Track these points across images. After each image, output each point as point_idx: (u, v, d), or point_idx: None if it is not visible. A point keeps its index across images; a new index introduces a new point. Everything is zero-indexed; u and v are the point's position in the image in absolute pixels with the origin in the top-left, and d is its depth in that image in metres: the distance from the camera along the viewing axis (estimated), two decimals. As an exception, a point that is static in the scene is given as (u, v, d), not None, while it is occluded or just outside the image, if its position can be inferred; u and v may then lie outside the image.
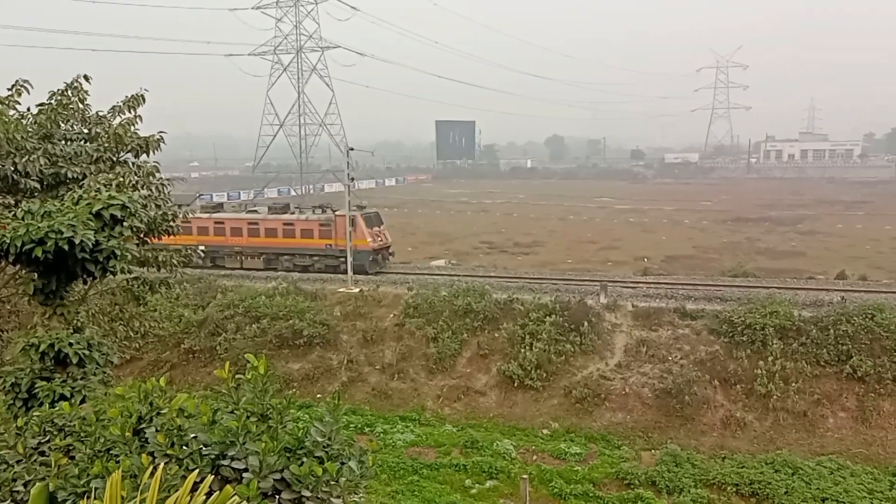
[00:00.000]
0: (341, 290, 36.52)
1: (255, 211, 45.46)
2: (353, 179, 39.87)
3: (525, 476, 22.18)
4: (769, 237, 62.19)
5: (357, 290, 36.14)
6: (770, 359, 27.19)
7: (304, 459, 4.58)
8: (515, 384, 29.01)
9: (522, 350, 29.52)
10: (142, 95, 13.17)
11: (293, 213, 43.51)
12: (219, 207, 46.84)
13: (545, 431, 27.02)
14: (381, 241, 41.55)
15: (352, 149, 39.74)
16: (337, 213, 41.25)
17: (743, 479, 22.58)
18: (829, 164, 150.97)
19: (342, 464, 4.66)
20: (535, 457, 25.22)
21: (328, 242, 41.18)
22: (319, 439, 4.75)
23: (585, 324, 29.94)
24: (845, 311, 28.03)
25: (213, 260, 42.59)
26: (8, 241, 7.33)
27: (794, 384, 26.51)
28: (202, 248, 44.46)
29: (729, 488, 22.44)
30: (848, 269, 41.53)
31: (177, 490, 3.85)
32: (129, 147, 12.60)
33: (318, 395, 30.30)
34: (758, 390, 26.59)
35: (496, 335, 31.18)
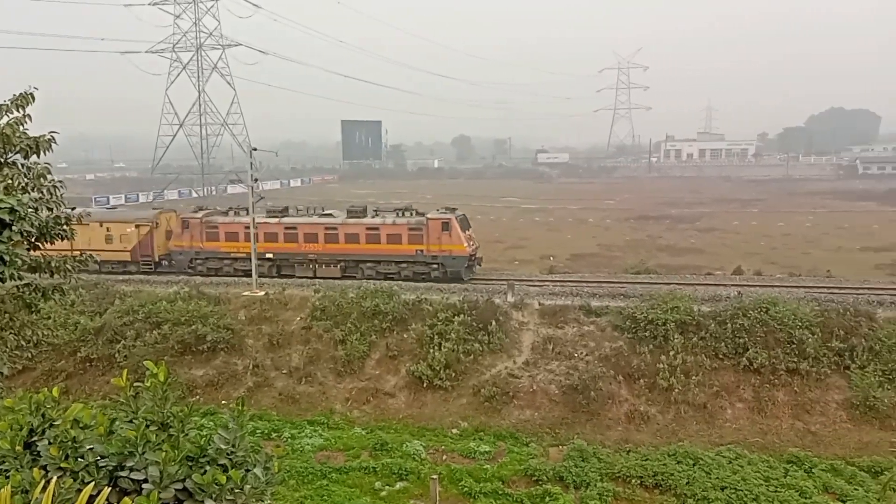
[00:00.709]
0: (245, 293, 35.03)
1: (331, 215, 41.04)
2: (256, 180, 38.19)
3: (435, 476, 21.74)
4: (670, 234, 64.50)
5: (262, 293, 34.76)
6: (672, 353, 27.87)
7: (208, 468, 4.51)
8: (424, 385, 28.57)
9: (431, 350, 29.11)
10: (31, 94, 12.11)
11: (373, 216, 39.96)
12: (285, 211, 41.89)
13: (455, 431, 26.71)
14: (474, 245, 39.15)
15: (255, 149, 38.06)
16: (429, 216, 38.53)
17: (647, 472, 22.93)
18: (726, 163, 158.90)
19: (247, 471, 4.61)
20: (444, 457, 24.87)
21: (419, 248, 37.95)
22: (223, 447, 4.66)
23: (493, 323, 29.84)
24: (742, 306, 29.08)
25: (279, 269, 39.89)
26: None
27: (694, 377, 27.26)
28: (269, 255, 39.51)
29: (633, 481, 22.74)
30: (744, 264, 43.47)
31: (72, 504, 3.68)
32: (18, 148, 11.63)
33: (223, 402, 28.93)
34: (660, 384, 27.18)
35: (405, 336, 30.64)
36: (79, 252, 13.41)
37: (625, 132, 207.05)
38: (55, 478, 4.16)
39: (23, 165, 11.89)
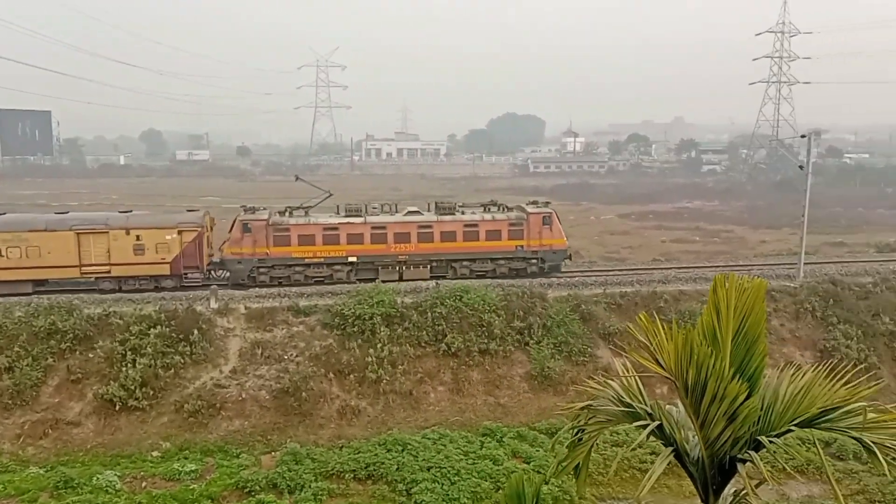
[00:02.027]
0: None
1: (419, 212, 37.14)
2: None
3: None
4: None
5: None
6: (379, 346, 28.84)
7: None
8: (118, 407, 25.75)
9: (124, 368, 26.33)
10: None
11: (463, 212, 37.27)
12: (357, 212, 36.55)
13: (155, 454, 24.52)
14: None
15: None
16: (529, 210, 36.85)
17: (359, 464, 23.45)
18: (422, 162, 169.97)
19: None
20: (144, 483, 22.76)
21: (519, 244, 36.42)
22: None
23: (196, 332, 27.97)
24: (439, 295, 31.17)
25: (357, 272, 35.51)
26: None
27: (400, 367, 28.56)
28: (352, 258, 34.99)
29: (347, 475, 23.11)
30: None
31: None
32: None
33: None
34: (369, 377, 27.98)
35: (91, 355, 27.26)
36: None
37: (327, 130, 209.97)
38: None
39: None
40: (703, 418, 6.11)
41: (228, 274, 35.38)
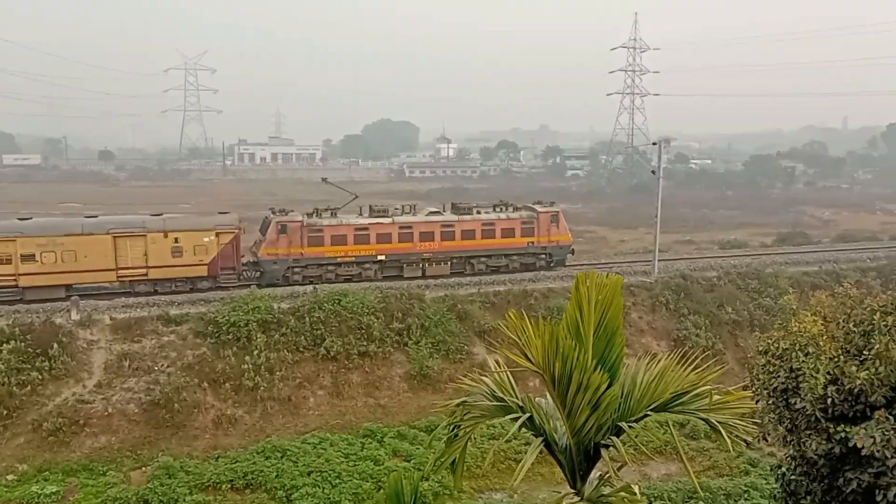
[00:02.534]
0: None
1: (439, 212, 40.10)
2: None
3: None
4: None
5: None
6: (255, 353, 28.37)
7: None
8: (-35, 431, 23.79)
9: (-28, 388, 24.35)
10: None
11: (478, 212, 39.81)
12: (384, 213, 38.54)
13: (10, 477, 22.90)
14: None
15: None
16: (539, 209, 40.06)
17: (237, 474, 23.01)
18: (297, 167, 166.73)
19: None
20: (-2, 511, 21.20)
21: (530, 241, 39.68)
22: None
23: (55, 346, 26.34)
24: (317, 299, 31.08)
25: (384, 269, 37.29)
26: None
27: (278, 373, 28.23)
28: (381, 256, 36.78)
29: (224, 486, 22.62)
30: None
31: None
32: None
33: None
34: (246, 385, 27.47)
35: (-68, 375, 25.00)
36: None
37: (197, 134, 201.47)
38: None
39: None
40: (569, 408, 6.47)
41: (259, 274, 35.89)
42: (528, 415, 6.77)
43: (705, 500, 22.43)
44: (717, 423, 6.43)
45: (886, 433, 8.85)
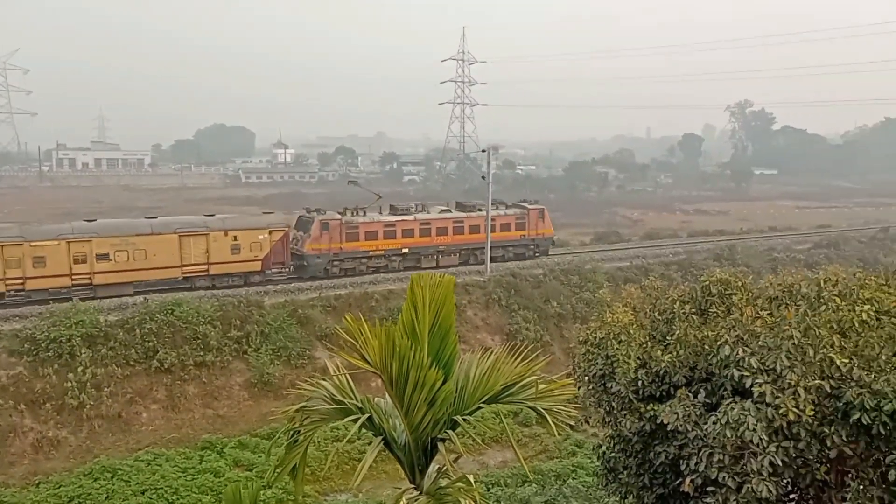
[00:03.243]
0: None
1: (449, 210, 46.18)
2: None
3: None
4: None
5: None
6: (80, 369, 26.72)
7: None
8: None
9: None
10: None
11: (480, 210, 45.31)
12: (406, 211, 44.33)
13: None
14: None
15: None
16: (529, 207, 47.31)
17: (60, 499, 21.59)
18: (124, 173, 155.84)
19: None
20: None
21: (522, 234, 46.62)
22: None
23: None
24: (149, 310, 29.81)
25: (406, 261, 42.33)
26: None
27: (106, 389, 26.79)
28: (405, 249, 42.43)
29: (46, 513, 21.21)
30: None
31: None
32: None
33: None
34: (70, 404, 25.83)
35: None
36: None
37: (8, 139, 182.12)
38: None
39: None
40: (406, 406, 6.77)
41: (300, 268, 39.62)
42: (367, 415, 7.00)
43: (537, 483, 24.15)
44: (543, 411, 6.89)
45: (687, 409, 9.73)
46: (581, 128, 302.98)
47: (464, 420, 6.94)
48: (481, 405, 7.10)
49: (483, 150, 48.01)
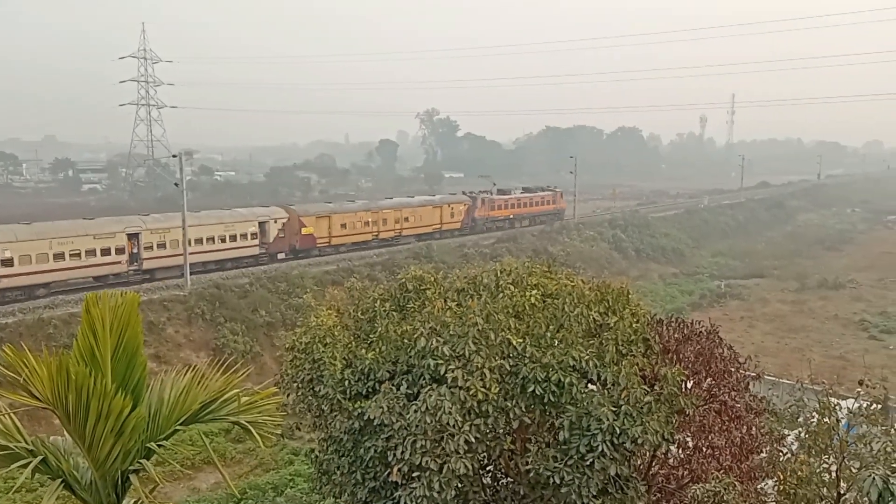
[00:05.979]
0: None
1: (516, 190, 79.20)
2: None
3: None
4: None
5: None
6: None
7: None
8: None
9: None
10: None
11: (521, 190, 78.71)
12: (508, 192, 75.69)
13: None
14: None
15: None
16: (555, 189, 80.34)
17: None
18: None
19: None
20: None
21: (554, 207, 76.86)
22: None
23: None
24: None
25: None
26: None
27: None
28: (511, 216, 71.51)
29: None
30: None
31: None
32: None
33: None
34: None
35: None
36: None
37: None
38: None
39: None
40: (90, 440, 6.08)
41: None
42: (39, 458, 6.22)
43: (253, 498, 23.33)
44: (247, 424, 6.64)
45: (391, 402, 10.21)
46: (281, 132, 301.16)
47: (158, 446, 6.49)
48: (178, 427, 6.69)
49: (174, 156, 44.84)
